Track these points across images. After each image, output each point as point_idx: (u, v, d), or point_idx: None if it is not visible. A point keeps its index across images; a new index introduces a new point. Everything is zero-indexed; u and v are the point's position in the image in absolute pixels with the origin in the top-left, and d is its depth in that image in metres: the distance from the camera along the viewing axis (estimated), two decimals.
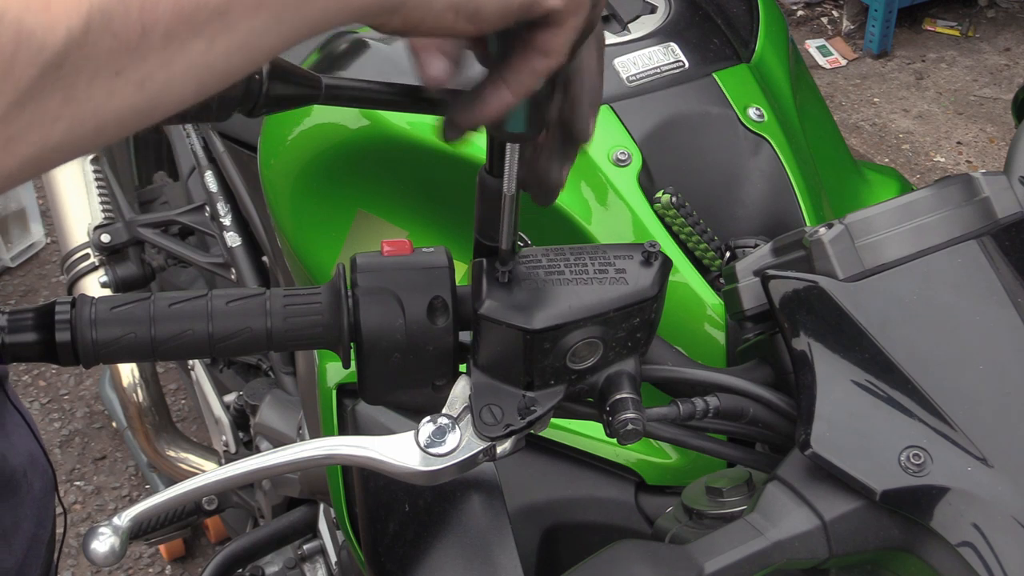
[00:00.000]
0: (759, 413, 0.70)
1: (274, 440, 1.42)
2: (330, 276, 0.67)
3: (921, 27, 3.68)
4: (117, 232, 1.64)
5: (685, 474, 0.93)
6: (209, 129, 1.58)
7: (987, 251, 0.66)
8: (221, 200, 1.58)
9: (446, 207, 1.03)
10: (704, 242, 0.93)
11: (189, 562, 2.13)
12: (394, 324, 0.64)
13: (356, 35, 1.08)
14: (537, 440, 0.95)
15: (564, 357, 0.65)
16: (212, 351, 0.65)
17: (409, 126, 1.00)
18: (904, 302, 0.65)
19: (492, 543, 0.75)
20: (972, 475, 0.60)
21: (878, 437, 0.62)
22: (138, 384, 1.77)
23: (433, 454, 0.65)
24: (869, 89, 3.42)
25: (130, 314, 0.64)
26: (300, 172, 1.10)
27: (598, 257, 0.66)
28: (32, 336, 0.64)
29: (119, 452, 2.33)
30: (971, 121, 3.25)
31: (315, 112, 1.07)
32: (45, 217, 2.80)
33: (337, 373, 1.01)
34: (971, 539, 0.59)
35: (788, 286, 0.67)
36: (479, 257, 0.66)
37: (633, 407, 0.65)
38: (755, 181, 0.97)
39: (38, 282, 2.76)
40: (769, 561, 0.61)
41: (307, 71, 0.61)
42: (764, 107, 1.00)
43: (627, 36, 1.04)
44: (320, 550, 1.42)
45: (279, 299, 0.65)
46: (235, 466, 0.66)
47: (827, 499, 0.62)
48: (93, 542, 0.61)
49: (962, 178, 0.68)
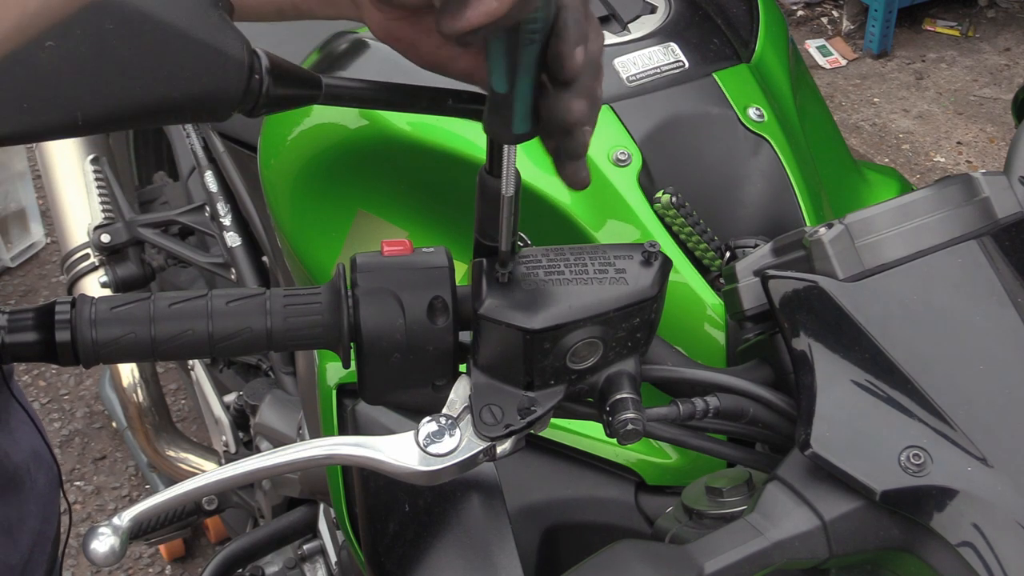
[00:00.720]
0: (759, 413, 0.70)
1: (274, 440, 1.42)
2: (330, 276, 0.67)
3: (921, 27, 3.68)
4: (117, 232, 1.64)
5: (685, 474, 0.93)
6: (209, 129, 1.58)
7: (987, 251, 0.66)
8: (221, 200, 1.58)
9: (446, 207, 1.03)
10: (704, 242, 0.93)
11: (189, 562, 2.13)
12: (394, 324, 0.64)
13: (356, 35, 1.08)
14: (537, 440, 0.95)
15: (564, 357, 0.65)
16: (212, 351, 0.65)
17: (409, 126, 1.00)
18: (904, 302, 0.65)
19: (492, 543, 0.75)
20: (972, 475, 0.60)
21: (878, 437, 0.62)
22: (138, 384, 1.77)
23: (433, 454, 0.65)
24: (869, 89, 3.42)
25: (130, 314, 0.64)
26: (300, 172, 1.10)
27: (598, 257, 0.66)
28: (32, 336, 0.64)
29: (119, 452, 2.33)
30: (971, 121, 3.25)
31: (315, 112, 1.07)
32: (45, 217, 2.80)
33: (337, 373, 1.01)
34: (971, 539, 0.59)
35: (788, 286, 0.67)
36: (479, 257, 0.66)
37: (633, 407, 0.65)
38: (755, 181, 0.97)
39: (38, 282, 2.76)
40: (769, 561, 0.61)
41: (307, 71, 0.61)
42: (764, 107, 1.00)
43: (627, 36, 1.04)
44: (320, 550, 1.42)
45: (279, 299, 0.65)
46: (235, 466, 0.66)
47: (827, 499, 0.62)
48: (93, 542, 0.61)
49: (962, 178, 0.68)
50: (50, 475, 0.91)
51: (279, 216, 1.14)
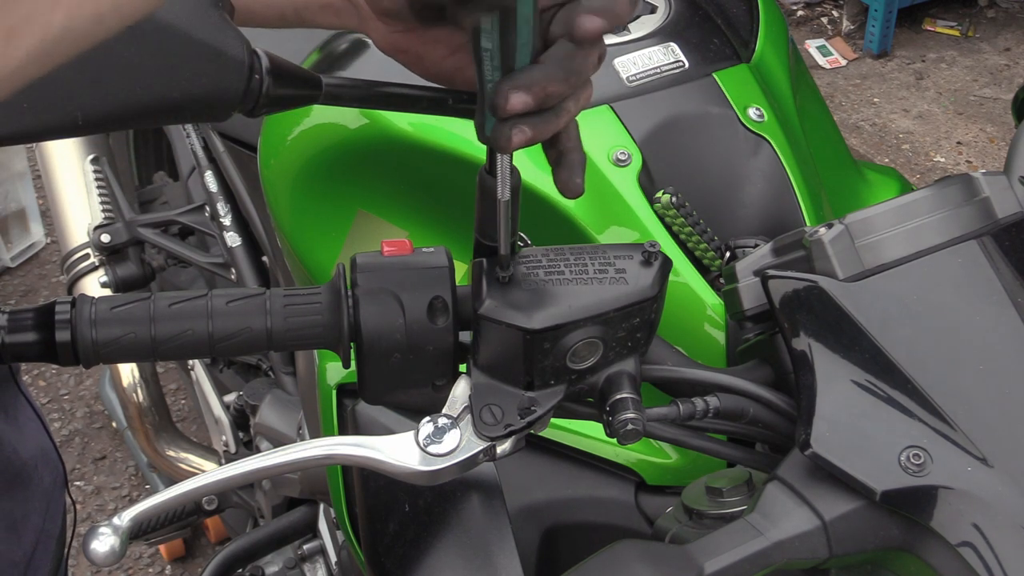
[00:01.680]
0: (759, 413, 0.70)
1: (274, 440, 1.42)
2: (330, 276, 0.67)
3: (921, 27, 3.68)
4: (117, 232, 1.64)
5: (685, 474, 0.93)
6: (209, 129, 1.58)
7: (987, 251, 0.66)
8: (221, 200, 1.58)
9: (446, 207, 1.03)
10: (704, 242, 0.93)
11: (189, 562, 2.13)
12: (394, 324, 0.64)
13: (356, 35, 1.08)
14: (537, 440, 0.95)
15: (564, 357, 0.65)
16: (212, 351, 0.65)
17: (409, 126, 1.00)
18: (904, 302, 0.65)
19: (492, 543, 0.75)
20: (972, 475, 0.60)
21: (878, 437, 0.62)
22: (138, 384, 1.77)
23: (433, 454, 0.65)
24: (869, 89, 3.42)
25: (130, 314, 0.64)
26: (300, 172, 1.10)
27: (598, 257, 0.66)
28: (32, 336, 0.64)
29: (119, 452, 2.33)
30: (971, 121, 3.25)
31: (315, 112, 1.07)
32: (45, 217, 2.80)
33: (337, 373, 1.01)
34: (971, 539, 0.59)
35: (788, 286, 0.67)
36: (479, 257, 0.66)
37: (633, 407, 0.65)
38: (755, 181, 0.97)
39: (38, 282, 2.76)
40: (769, 561, 0.61)
41: (307, 71, 0.61)
42: (764, 107, 1.00)
43: (627, 36, 1.04)
44: (320, 550, 1.42)
45: (279, 299, 0.65)
46: (235, 466, 0.66)
47: (827, 499, 0.62)
48: (93, 542, 0.61)
49: (962, 178, 0.68)
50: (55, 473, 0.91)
51: (279, 216, 1.14)
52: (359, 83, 0.64)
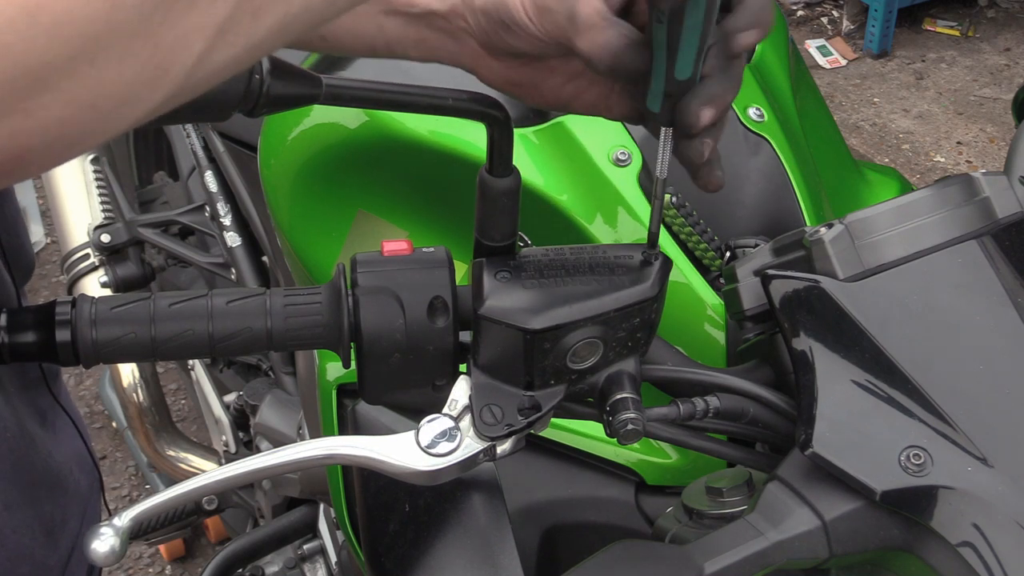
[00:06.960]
0: (759, 413, 0.70)
1: (274, 440, 1.42)
2: (330, 276, 0.67)
3: (921, 27, 3.69)
4: (117, 232, 1.65)
5: (685, 474, 0.93)
6: (209, 129, 1.58)
7: (987, 251, 0.66)
8: (221, 200, 1.58)
9: (446, 207, 1.03)
10: (704, 242, 0.93)
11: (189, 562, 2.13)
12: (394, 324, 0.64)
13: None
14: (537, 440, 0.95)
15: (564, 357, 0.65)
16: (212, 351, 0.65)
17: (409, 126, 1.00)
18: (904, 302, 0.65)
19: (492, 543, 0.75)
20: (972, 475, 0.60)
21: (878, 437, 0.62)
22: (138, 384, 1.77)
23: (433, 454, 0.65)
24: (869, 89, 3.43)
25: (130, 314, 0.64)
26: (300, 172, 1.10)
27: (598, 257, 0.66)
28: (32, 335, 0.64)
29: (119, 452, 2.33)
30: (971, 121, 3.25)
31: (315, 112, 1.07)
32: (45, 217, 2.80)
33: (337, 373, 1.01)
34: (971, 539, 0.59)
35: (788, 286, 0.67)
36: (479, 257, 0.66)
37: (633, 407, 0.65)
38: (755, 181, 0.97)
39: (38, 282, 2.76)
40: (769, 561, 0.61)
41: (307, 71, 0.61)
42: (764, 107, 1.00)
43: None
44: (320, 550, 1.42)
45: (279, 299, 0.65)
46: (235, 466, 0.66)
47: (827, 499, 0.62)
48: (93, 542, 0.61)
49: (962, 178, 0.68)
50: (91, 479, 0.90)
51: (279, 216, 1.14)
52: (359, 83, 0.64)
